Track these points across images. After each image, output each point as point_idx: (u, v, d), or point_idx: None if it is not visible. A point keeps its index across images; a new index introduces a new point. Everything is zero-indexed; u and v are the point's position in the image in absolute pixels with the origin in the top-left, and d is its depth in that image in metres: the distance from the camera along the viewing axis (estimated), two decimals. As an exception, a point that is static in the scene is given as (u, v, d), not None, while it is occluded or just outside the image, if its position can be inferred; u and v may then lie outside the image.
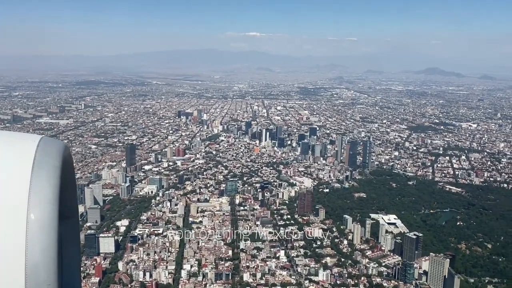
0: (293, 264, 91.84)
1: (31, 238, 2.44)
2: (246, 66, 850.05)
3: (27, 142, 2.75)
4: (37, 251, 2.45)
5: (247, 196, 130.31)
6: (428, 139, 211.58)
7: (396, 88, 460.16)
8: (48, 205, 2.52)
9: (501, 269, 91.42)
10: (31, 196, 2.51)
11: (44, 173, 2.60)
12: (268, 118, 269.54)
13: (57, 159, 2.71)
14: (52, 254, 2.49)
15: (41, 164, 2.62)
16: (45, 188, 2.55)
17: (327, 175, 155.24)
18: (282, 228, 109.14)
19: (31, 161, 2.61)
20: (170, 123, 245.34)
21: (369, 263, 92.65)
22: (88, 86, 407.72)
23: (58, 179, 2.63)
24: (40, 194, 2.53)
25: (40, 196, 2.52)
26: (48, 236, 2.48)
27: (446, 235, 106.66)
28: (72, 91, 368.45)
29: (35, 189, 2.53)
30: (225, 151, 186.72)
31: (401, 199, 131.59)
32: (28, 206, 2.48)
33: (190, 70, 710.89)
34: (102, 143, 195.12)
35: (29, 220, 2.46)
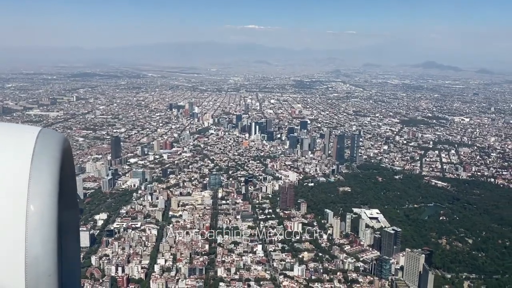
0: (270, 259, 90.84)
1: (31, 229, 2.44)
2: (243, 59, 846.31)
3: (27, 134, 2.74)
4: (37, 243, 2.46)
5: (230, 190, 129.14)
6: (419, 133, 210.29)
7: (392, 82, 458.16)
8: (48, 197, 2.52)
9: (479, 265, 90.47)
10: (30, 187, 2.51)
11: (44, 165, 2.59)
12: (261, 112, 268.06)
13: (56, 151, 2.70)
14: (52, 245, 2.50)
15: (40, 156, 2.61)
16: (44, 180, 2.55)
17: (314, 169, 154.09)
18: (262, 222, 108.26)
19: (30, 152, 2.60)
20: (161, 116, 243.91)
21: (347, 258, 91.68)
22: (83, 79, 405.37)
23: (57, 171, 2.62)
24: (40, 186, 2.53)
25: (39, 188, 2.52)
26: (48, 228, 2.48)
27: (428, 230, 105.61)
28: (66, 83, 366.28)
29: (34, 181, 2.52)
30: (213, 145, 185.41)
31: (386, 194, 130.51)
32: (28, 198, 2.48)
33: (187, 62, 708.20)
34: (90, 135, 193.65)
35: (28, 211, 2.46)
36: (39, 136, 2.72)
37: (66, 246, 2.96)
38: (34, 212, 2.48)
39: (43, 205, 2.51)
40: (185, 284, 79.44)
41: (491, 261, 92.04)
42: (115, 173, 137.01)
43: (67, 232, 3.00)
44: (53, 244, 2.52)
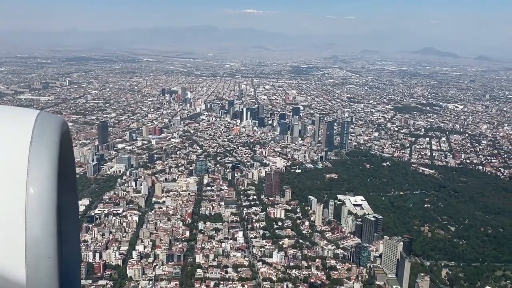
0: (250, 245, 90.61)
1: (30, 212, 2.47)
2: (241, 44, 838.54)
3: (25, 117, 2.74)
4: (36, 225, 2.47)
5: (216, 176, 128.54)
6: (412, 120, 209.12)
7: (390, 68, 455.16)
8: (47, 180, 2.53)
9: (459, 253, 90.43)
10: (30, 170, 2.52)
11: (43, 148, 2.59)
12: (254, 97, 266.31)
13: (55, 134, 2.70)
14: (51, 227, 2.51)
15: (39, 139, 2.61)
16: (43, 163, 2.55)
17: (302, 156, 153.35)
18: (245, 209, 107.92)
19: (29, 136, 2.61)
20: (153, 101, 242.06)
21: (327, 245, 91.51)
22: (78, 63, 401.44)
23: (56, 154, 2.62)
24: (39, 169, 2.53)
25: (39, 171, 2.53)
26: (47, 210, 2.50)
27: (411, 218, 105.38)
28: (60, 68, 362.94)
29: (34, 164, 2.53)
30: (203, 130, 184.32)
31: (373, 181, 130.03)
32: (27, 181, 2.50)
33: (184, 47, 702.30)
34: (79, 120, 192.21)
35: (28, 194, 2.49)
36: (37, 119, 2.72)
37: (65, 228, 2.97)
38: (33, 195, 2.49)
39: (43, 188, 2.52)
40: (162, 270, 79.20)
41: (472, 249, 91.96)
42: (101, 159, 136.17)
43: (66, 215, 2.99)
44: (53, 227, 2.53)
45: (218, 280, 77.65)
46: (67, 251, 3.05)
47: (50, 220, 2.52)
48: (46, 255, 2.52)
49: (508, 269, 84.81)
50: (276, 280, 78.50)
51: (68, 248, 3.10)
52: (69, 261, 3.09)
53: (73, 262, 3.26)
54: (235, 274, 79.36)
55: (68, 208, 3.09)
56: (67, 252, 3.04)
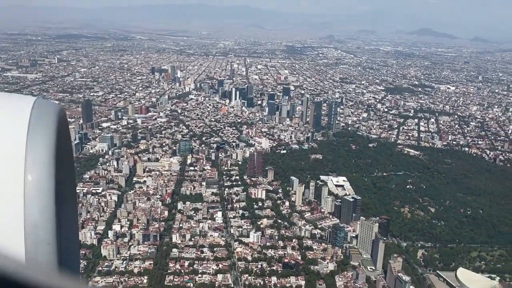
0: (228, 225, 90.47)
1: (29, 198, 2.47)
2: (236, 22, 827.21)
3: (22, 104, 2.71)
4: (35, 212, 2.48)
5: (200, 157, 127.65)
6: (402, 101, 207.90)
7: (385, 49, 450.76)
8: (45, 166, 2.52)
9: (437, 234, 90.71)
10: (27, 157, 2.50)
11: (40, 135, 2.57)
12: (246, 77, 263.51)
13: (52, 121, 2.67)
14: (50, 213, 2.52)
15: (36, 126, 2.59)
16: (41, 150, 2.54)
17: (289, 136, 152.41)
18: (227, 189, 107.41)
19: (26, 122, 2.58)
20: (142, 79, 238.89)
21: (305, 225, 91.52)
22: (69, 40, 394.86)
23: (54, 140, 2.59)
24: (37, 155, 2.52)
25: (36, 157, 2.51)
26: (46, 196, 2.50)
27: (392, 199, 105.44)
28: (50, 45, 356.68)
29: (31, 150, 2.52)
30: (191, 110, 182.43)
31: (357, 162, 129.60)
32: (25, 168, 2.48)
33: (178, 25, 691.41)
34: (66, 98, 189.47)
35: (26, 181, 2.47)
36: (34, 106, 2.68)
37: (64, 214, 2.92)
38: (31, 181, 2.48)
39: (41, 174, 2.50)
40: (137, 250, 79.01)
41: (449, 230, 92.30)
42: (84, 138, 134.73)
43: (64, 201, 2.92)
44: (51, 213, 2.52)
45: (193, 259, 77.59)
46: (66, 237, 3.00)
47: (49, 206, 2.51)
48: (45, 241, 2.52)
49: (483, 250, 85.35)
50: (251, 260, 78.56)
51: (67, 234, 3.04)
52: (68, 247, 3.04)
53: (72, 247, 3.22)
54: (210, 254, 79.33)
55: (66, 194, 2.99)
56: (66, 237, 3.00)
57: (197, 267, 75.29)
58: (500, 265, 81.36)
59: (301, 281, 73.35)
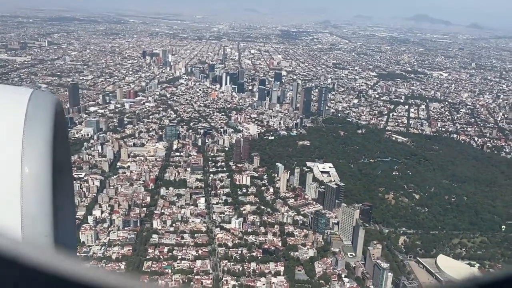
0: (210, 211, 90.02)
1: (26, 191, 2.46)
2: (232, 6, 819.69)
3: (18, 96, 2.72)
4: (32, 204, 2.48)
5: (186, 142, 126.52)
6: (394, 87, 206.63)
7: (380, 35, 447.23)
8: (42, 159, 2.52)
9: (419, 221, 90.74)
10: (24, 149, 2.50)
11: (37, 127, 2.58)
12: (238, 62, 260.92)
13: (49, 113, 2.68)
14: (47, 206, 2.51)
15: (33, 118, 2.60)
16: (38, 142, 2.54)
17: (278, 122, 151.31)
18: (212, 175, 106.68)
19: (23, 114, 2.59)
20: (133, 63, 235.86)
21: (288, 211, 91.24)
22: (60, 23, 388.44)
23: (50, 133, 2.60)
24: (34, 148, 2.52)
25: (33, 150, 2.51)
26: (42, 189, 2.50)
27: (377, 185, 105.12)
28: (41, 28, 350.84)
29: (28, 143, 2.52)
30: (180, 95, 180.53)
31: (344, 148, 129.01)
32: (22, 160, 2.48)
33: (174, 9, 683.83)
34: (54, 82, 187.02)
35: (23, 173, 2.47)
36: (31, 98, 2.69)
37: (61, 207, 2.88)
38: (28, 174, 2.47)
39: (38, 167, 2.50)
40: (116, 236, 78.51)
41: (432, 216, 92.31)
42: (70, 122, 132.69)
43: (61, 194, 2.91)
44: (49, 205, 2.52)
45: (172, 245, 77.22)
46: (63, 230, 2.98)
47: (46, 199, 2.51)
48: (43, 234, 2.51)
49: (465, 237, 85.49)
50: (232, 246, 78.30)
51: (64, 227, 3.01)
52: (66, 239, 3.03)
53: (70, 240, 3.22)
54: (191, 240, 79.01)
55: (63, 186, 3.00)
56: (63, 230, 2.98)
57: (176, 253, 74.99)
58: (480, 252, 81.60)
59: (280, 267, 73.30)
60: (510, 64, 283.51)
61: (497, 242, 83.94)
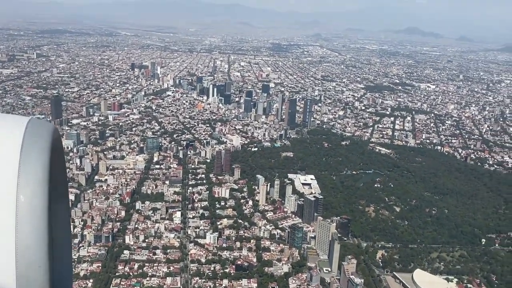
0: (186, 226, 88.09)
1: (21, 219, 2.43)
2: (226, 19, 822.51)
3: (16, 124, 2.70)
4: (27, 233, 2.44)
5: (167, 154, 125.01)
6: (380, 99, 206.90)
7: (370, 47, 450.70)
8: (38, 187, 2.51)
9: (399, 234, 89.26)
10: (20, 177, 2.49)
11: (33, 155, 2.57)
12: (227, 74, 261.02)
13: (46, 140, 2.67)
14: (42, 235, 2.48)
15: (30, 146, 2.58)
16: (34, 170, 2.53)
17: (262, 134, 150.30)
18: (191, 188, 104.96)
19: (20, 142, 2.57)
20: (121, 76, 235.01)
21: (266, 225, 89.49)
22: (52, 35, 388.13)
23: (47, 161, 2.58)
24: (30, 176, 2.50)
25: (29, 178, 2.50)
26: (38, 218, 2.47)
27: (358, 197, 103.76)
28: (31, 40, 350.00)
29: (24, 171, 2.50)
30: (166, 107, 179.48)
31: (328, 159, 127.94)
32: (18, 188, 2.47)
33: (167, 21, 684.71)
34: (39, 94, 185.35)
35: (18, 201, 2.45)
36: (28, 126, 2.67)
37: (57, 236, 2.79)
38: (24, 202, 2.45)
39: (34, 195, 2.48)
40: (87, 252, 76.35)
41: (412, 230, 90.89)
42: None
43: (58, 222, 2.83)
44: (44, 235, 2.49)
45: (143, 262, 75.11)
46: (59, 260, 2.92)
47: (41, 228, 2.47)
48: (37, 264, 2.47)
49: (444, 250, 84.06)
50: (205, 262, 76.31)
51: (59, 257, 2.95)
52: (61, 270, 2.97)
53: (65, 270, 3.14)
54: (163, 256, 76.93)
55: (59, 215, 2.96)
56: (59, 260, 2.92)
57: (147, 270, 72.94)
58: (459, 266, 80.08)
59: (253, 284, 71.33)
60: (497, 76, 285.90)
61: (477, 256, 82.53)
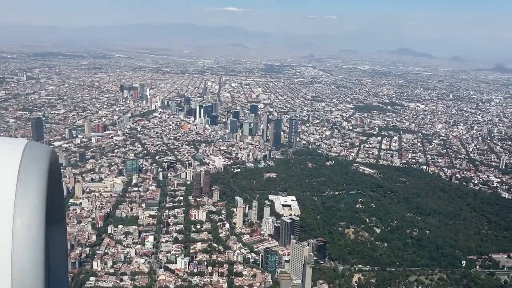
0: (158, 250, 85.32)
1: (17, 243, 2.41)
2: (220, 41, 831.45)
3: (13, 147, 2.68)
4: (23, 257, 2.41)
5: (147, 176, 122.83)
6: (369, 119, 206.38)
7: (363, 68, 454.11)
8: (35, 210, 2.48)
9: (377, 256, 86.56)
10: (17, 201, 2.47)
11: (31, 178, 2.55)
12: (217, 95, 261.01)
13: (43, 164, 2.65)
14: (39, 259, 2.45)
15: (27, 169, 2.56)
16: (31, 193, 2.51)
17: (246, 154, 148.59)
18: (167, 210, 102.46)
19: (17, 166, 2.55)
20: (110, 97, 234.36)
21: (241, 249, 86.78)
22: (45, 58, 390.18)
23: (44, 184, 2.57)
24: (27, 199, 2.48)
25: (26, 201, 2.48)
26: (34, 242, 2.45)
27: (338, 219, 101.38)
28: (24, 63, 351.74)
29: (21, 194, 2.48)
30: (151, 128, 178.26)
31: (311, 180, 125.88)
32: (14, 212, 2.44)
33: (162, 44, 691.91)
34: (24, 117, 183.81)
35: (15, 225, 2.42)
36: (25, 149, 2.65)
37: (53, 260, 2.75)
38: (20, 226, 2.42)
39: (30, 219, 2.45)
40: (50, 277, 73.28)
41: (391, 252, 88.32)
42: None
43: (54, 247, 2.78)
44: (40, 259, 2.45)
45: (109, 288, 72.24)
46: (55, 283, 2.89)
47: (38, 253, 2.44)
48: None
49: (423, 273, 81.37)
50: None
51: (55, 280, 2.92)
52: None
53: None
54: (130, 282, 74.05)
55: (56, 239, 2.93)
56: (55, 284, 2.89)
57: (111, 297, 70.00)
58: (438, 290, 77.40)
59: (221, 311, 68.43)
60: (487, 96, 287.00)
61: (456, 279, 79.84)
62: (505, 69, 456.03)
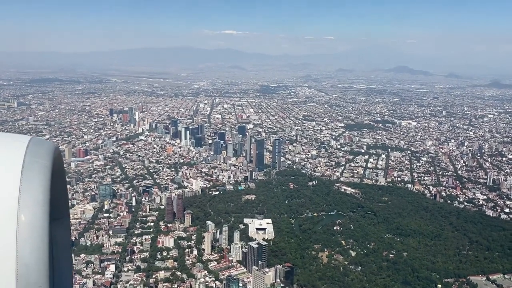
0: (117, 280, 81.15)
1: (21, 239, 2.42)
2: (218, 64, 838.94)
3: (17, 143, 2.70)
4: (28, 253, 2.42)
5: (120, 202, 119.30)
6: (358, 137, 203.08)
7: (358, 87, 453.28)
8: (39, 206, 2.49)
9: (348, 282, 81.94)
10: (21, 197, 2.48)
11: (34, 174, 2.55)
12: (207, 117, 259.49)
13: (47, 160, 2.66)
14: (43, 255, 2.46)
15: (31, 165, 2.57)
16: (35, 189, 2.51)
17: (227, 176, 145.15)
18: (135, 237, 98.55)
19: (20, 162, 2.56)
20: (98, 121, 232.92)
21: (206, 277, 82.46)
22: (40, 84, 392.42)
23: (48, 180, 2.58)
24: (31, 195, 2.49)
25: (30, 197, 2.49)
26: (39, 237, 2.45)
27: (313, 242, 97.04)
28: (19, 89, 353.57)
29: (25, 190, 2.49)
30: (135, 151, 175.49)
31: (290, 201, 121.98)
32: (19, 208, 2.46)
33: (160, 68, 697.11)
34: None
35: (19, 221, 2.44)
36: (29, 146, 2.67)
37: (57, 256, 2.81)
38: (24, 222, 2.43)
39: (34, 214, 2.46)
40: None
41: (364, 276, 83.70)
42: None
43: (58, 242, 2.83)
44: (44, 254, 2.46)
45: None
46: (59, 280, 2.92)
47: (42, 248, 2.44)
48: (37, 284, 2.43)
49: (396, 300, 76.65)
50: (126, 321, 69.13)
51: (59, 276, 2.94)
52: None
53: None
54: (82, 315, 69.81)
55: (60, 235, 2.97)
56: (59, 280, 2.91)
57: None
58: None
59: None
60: (481, 111, 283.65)
61: (430, 305, 75.19)
62: (501, 85, 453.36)
